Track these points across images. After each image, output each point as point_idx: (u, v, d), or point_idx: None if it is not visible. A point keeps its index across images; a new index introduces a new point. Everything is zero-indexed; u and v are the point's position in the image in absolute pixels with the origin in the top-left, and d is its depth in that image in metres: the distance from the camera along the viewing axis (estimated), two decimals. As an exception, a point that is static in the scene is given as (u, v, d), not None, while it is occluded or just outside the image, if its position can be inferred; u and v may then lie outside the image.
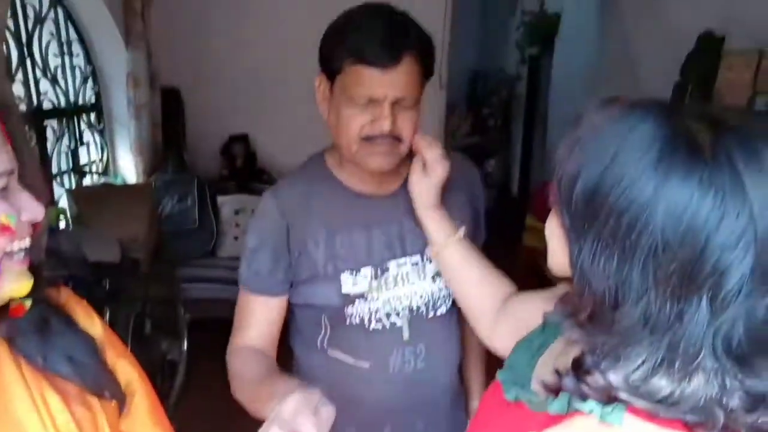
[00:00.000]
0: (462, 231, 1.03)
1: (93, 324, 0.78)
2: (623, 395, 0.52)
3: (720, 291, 0.49)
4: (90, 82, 3.14)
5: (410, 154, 1.08)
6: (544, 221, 0.66)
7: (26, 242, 0.64)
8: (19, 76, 2.50)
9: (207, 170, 3.66)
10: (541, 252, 0.71)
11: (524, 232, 4.48)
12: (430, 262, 1.11)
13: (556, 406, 0.58)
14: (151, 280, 2.33)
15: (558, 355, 0.68)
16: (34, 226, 0.66)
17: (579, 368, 0.56)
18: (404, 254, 1.10)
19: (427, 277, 1.11)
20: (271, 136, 3.87)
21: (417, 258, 1.10)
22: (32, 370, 0.67)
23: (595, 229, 0.52)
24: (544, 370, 0.68)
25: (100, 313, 0.84)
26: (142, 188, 3.00)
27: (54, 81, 2.80)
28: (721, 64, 2.30)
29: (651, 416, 0.52)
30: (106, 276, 2.05)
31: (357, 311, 1.08)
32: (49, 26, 2.76)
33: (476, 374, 1.31)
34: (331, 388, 1.07)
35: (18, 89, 2.45)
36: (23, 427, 0.64)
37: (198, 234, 3.34)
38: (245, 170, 3.76)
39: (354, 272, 1.07)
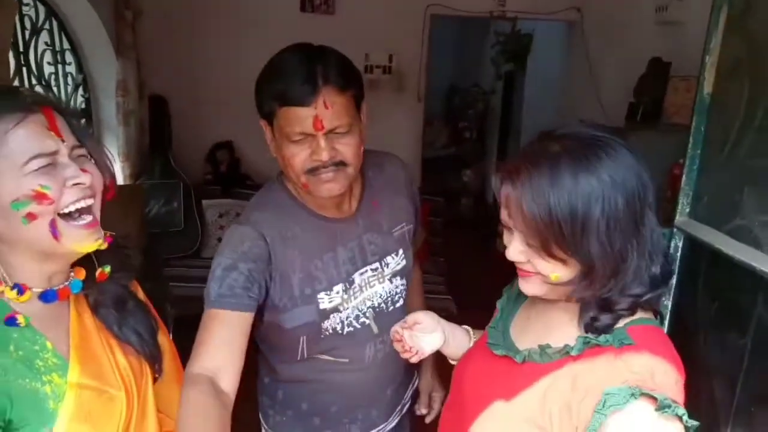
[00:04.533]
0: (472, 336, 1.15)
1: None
2: (645, 296, 0.82)
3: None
4: (81, 90, 3.27)
5: (360, 174, 1.20)
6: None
7: (80, 204, 0.81)
8: (16, 83, 2.63)
9: (192, 175, 3.80)
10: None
11: (497, 238, 4.69)
12: (388, 266, 1.26)
13: (576, 349, 0.82)
14: (141, 277, 2.47)
15: (524, 323, 0.98)
16: (105, 195, 0.85)
17: (607, 309, 0.82)
18: (365, 264, 1.23)
19: (385, 279, 1.26)
20: (255, 143, 3.98)
21: (376, 264, 1.24)
22: (105, 331, 0.91)
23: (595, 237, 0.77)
24: (525, 336, 0.96)
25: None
26: (133, 189, 3.14)
27: (48, 88, 2.92)
28: (668, 87, 2.53)
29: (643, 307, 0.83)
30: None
31: (331, 324, 1.20)
32: (44, 36, 2.89)
33: (419, 301, 1.49)
34: (315, 381, 1.26)
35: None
36: (99, 361, 0.87)
37: (183, 235, 3.49)
38: (229, 176, 3.91)
39: (328, 291, 1.17)
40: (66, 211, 0.80)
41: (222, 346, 1.01)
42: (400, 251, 1.28)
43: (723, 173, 1.18)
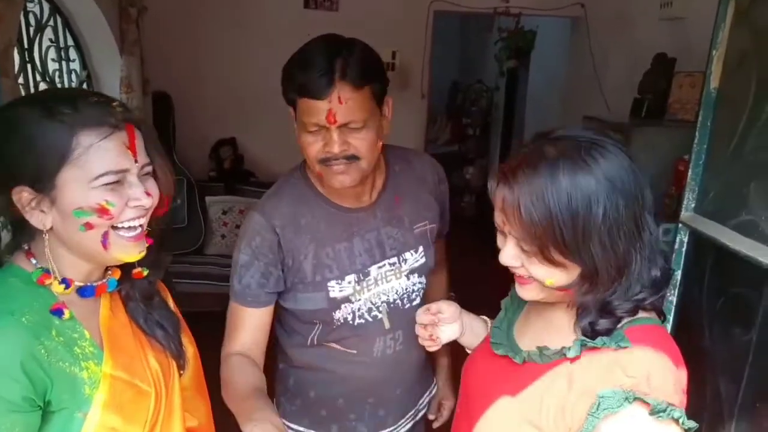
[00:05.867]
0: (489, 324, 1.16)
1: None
2: (648, 299, 0.81)
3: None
4: (85, 86, 3.28)
5: (382, 167, 1.23)
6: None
7: (135, 222, 0.84)
8: (21, 80, 2.64)
9: (196, 172, 3.81)
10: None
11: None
12: (406, 262, 1.26)
13: (573, 351, 0.81)
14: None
15: (525, 322, 0.98)
16: (157, 211, 0.88)
17: (608, 313, 0.81)
18: (383, 258, 1.24)
19: (402, 275, 1.26)
20: (258, 140, 4.03)
21: (395, 260, 1.25)
22: (136, 327, 0.95)
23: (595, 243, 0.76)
24: (525, 336, 0.95)
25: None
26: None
27: (52, 84, 2.93)
28: (673, 82, 2.51)
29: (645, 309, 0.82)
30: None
31: (342, 314, 1.22)
32: (48, 33, 2.90)
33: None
34: (323, 369, 1.29)
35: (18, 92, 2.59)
36: (130, 356, 0.90)
37: (187, 232, 3.50)
38: (233, 172, 3.92)
39: (339, 280, 1.20)
40: (119, 225, 0.84)
41: (246, 334, 1.20)
42: (420, 248, 1.28)
43: (729, 168, 1.17)
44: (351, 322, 1.23)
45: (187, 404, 1.01)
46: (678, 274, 1.27)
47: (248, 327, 1.20)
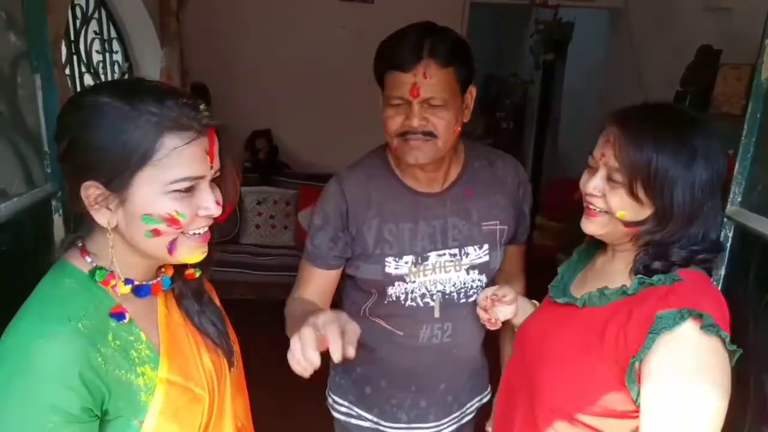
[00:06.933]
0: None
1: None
2: (701, 255, 0.94)
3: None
4: (127, 77, 3.36)
5: (460, 159, 1.25)
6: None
7: (201, 229, 0.82)
8: (67, 70, 2.72)
9: (232, 163, 3.86)
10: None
11: (535, 230, 4.63)
12: (467, 256, 1.26)
13: (632, 288, 0.93)
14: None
15: (583, 281, 1.08)
16: (217, 217, 0.84)
17: (663, 256, 0.92)
18: (445, 247, 1.25)
19: (462, 268, 1.26)
20: (293, 132, 4.07)
21: (456, 251, 1.26)
22: (190, 325, 0.92)
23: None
24: (584, 288, 1.05)
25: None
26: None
27: (96, 75, 3.02)
28: (718, 75, 2.44)
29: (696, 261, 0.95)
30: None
31: (396, 291, 1.25)
32: (93, 25, 2.98)
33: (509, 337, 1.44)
34: (370, 348, 1.31)
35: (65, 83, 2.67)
36: (186, 358, 0.88)
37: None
38: (268, 163, 3.97)
39: (397, 258, 1.23)
40: (187, 232, 0.81)
41: (311, 290, 1.27)
42: (485, 246, 1.28)
43: (779, 161, 1.14)
44: (402, 302, 1.25)
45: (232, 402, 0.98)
46: (722, 269, 1.24)
47: (313, 284, 1.27)
